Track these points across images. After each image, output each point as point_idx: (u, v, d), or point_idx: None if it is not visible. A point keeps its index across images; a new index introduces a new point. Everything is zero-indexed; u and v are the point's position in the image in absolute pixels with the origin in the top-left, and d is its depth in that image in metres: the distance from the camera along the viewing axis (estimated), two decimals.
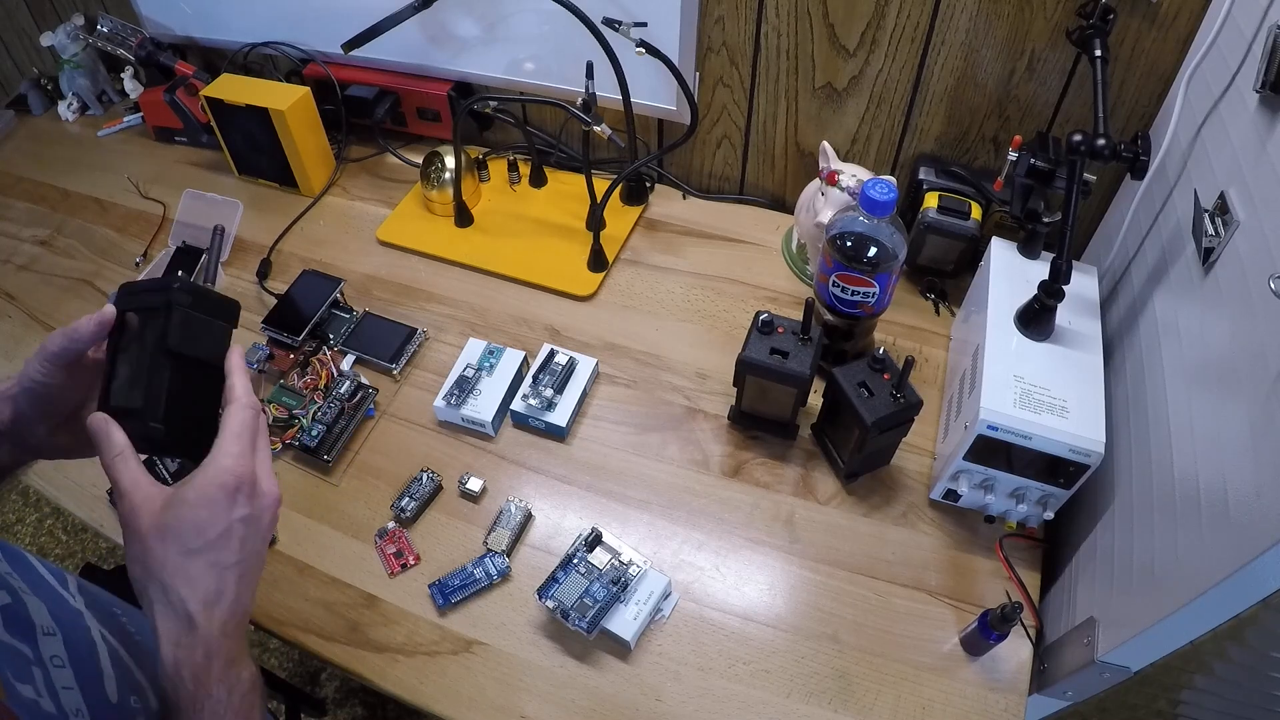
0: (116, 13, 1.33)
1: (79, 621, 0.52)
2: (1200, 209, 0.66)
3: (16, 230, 1.21)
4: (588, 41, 0.95)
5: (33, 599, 0.48)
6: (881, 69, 0.97)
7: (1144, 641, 0.57)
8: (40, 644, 0.46)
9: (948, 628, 0.74)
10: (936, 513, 0.82)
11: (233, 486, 0.48)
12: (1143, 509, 0.64)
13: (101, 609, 0.55)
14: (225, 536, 0.47)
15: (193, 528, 0.46)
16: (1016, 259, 0.84)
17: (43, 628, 0.47)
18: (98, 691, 0.48)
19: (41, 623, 0.47)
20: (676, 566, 0.79)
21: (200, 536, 0.46)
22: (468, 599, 0.77)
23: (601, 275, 1.06)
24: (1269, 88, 0.59)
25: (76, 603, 0.53)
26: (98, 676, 0.49)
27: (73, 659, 0.47)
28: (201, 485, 0.47)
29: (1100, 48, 0.76)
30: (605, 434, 0.90)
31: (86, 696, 0.46)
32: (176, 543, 0.46)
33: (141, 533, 0.46)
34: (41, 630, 0.47)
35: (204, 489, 0.47)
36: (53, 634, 0.47)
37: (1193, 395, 0.62)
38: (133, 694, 0.50)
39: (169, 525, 0.46)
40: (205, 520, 0.47)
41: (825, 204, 0.92)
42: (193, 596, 0.46)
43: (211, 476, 0.48)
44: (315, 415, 0.89)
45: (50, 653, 0.47)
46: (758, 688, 0.71)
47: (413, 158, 1.25)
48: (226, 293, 1.06)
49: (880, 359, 0.78)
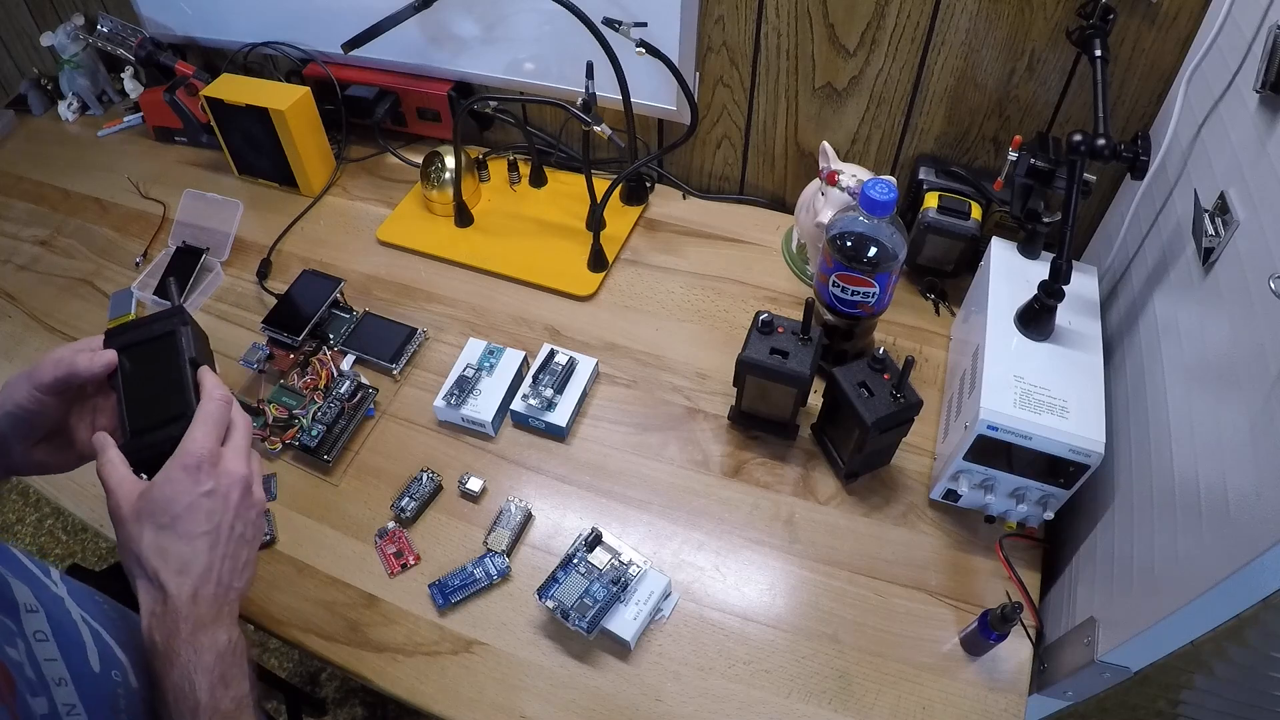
0: (116, 13, 1.33)
1: (60, 605, 0.54)
2: (1200, 209, 0.66)
3: (16, 230, 1.21)
4: (588, 41, 0.95)
5: (16, 582, 0.50)
6: (881, 69, 0.97)
7: (1144, 641, 0.57)
8: (24, 620, 0.48)
9: (948, 628, 0.74)
10: (936, 513, 0.82)
11: (194, 465, 0.53)
12: (1143, 509, 0.64)
13: (83, 596, 0.57)
14: (191, 510, 0.52)
15: (161, 505, 0.52)
16: (1016, 259, 0.84)
17: (25, 605, 0.49)
18: (80, 661, 0.51)
19: (25, 601, 0.50)
20: (676, 566, 0.79)
21: (167, 512, 0.52)
22: (468, 599, 0.77)
23: (601, 275, 1.06)
24: (1269, 88, 0.59)
25: (59, 589, 0.55)
26: (80, 646, 0.51)
27: (55, 632, 0.50)
28: (167, 469, 0.53)
29: (1100, 48, 0.76)
30: (605, 434, 0.90)
31: (70, 666, 0.49)
32: (150, 521, 0.52)
33: (123, 519, 0.53)
34: (25, 608, 0.49)
35: (169, 471, 0.53)
36: (35, 611, 0.50)
37: (1193, 395, 0.62)
38: (113, 668, 0.53)
39: (142, 508, 0.52)
40: (171, 496, 0.52)
41: (825, 204, 0.92)
42: (164, 567, 0.51)
43: (176, 459, 0.53)
44: (315, 415, 0.89)
45: (34, 628, 0.49)
46: (757, 688, 0.71)
47: (413, 158, 1.25)
48: (227, 292, 1.07)
49: (880, 359, 0.78)
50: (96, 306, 1.08)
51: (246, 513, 0.55)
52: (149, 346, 0.60)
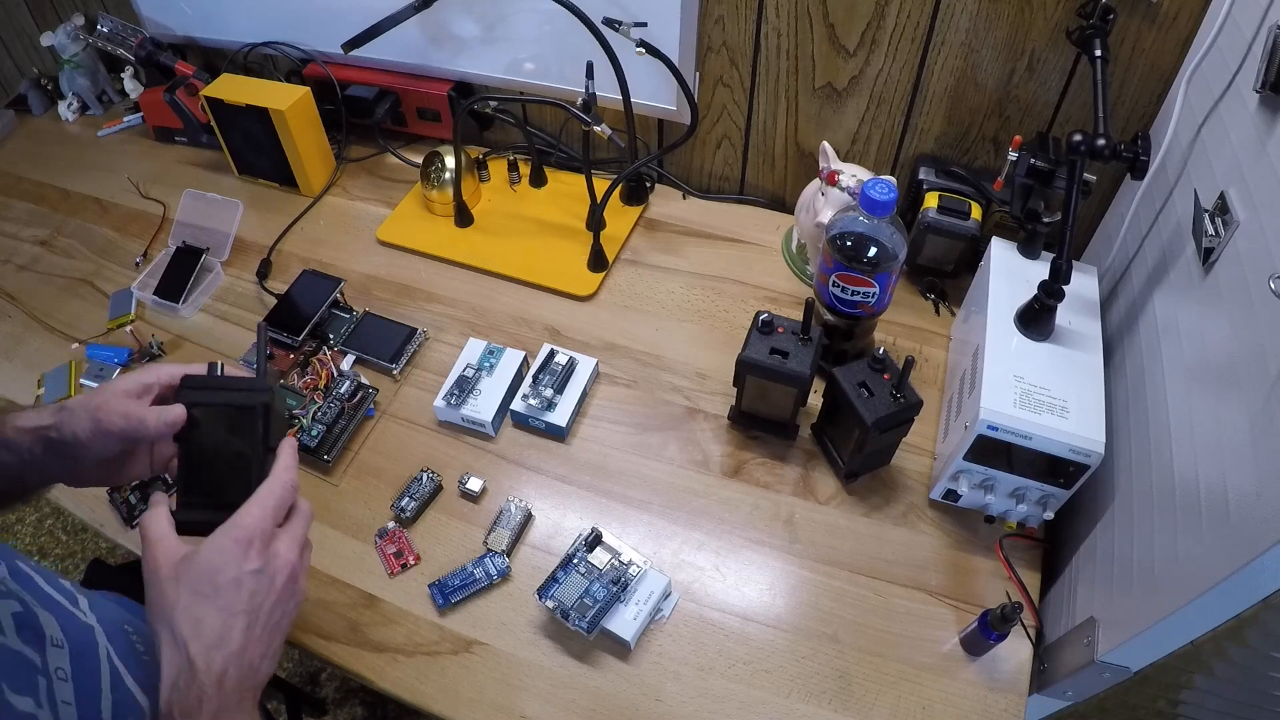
0: (116, 13, 1.33)
1: (89, 636, 0.53)
2: (1200, 209, 0.66)
3: (16, 230, 1.21)
4: (588, 41, 0.95)
5: (43, 612, 0.50)
6: (882, 69, 0.97)
7: (1144, 641, 0.57)
8: (48, 654, 0.48)
9: (948, 628, 0.74)
10: (936, 513, 0.82)
11: (245, 540, 0.51)
12: (1143, 509, 0.64)
13: (112, 623, 0.56)
14: (235, 584, 0.50)
15: (205, 573, 0.49)
16: (1016, 259, 0.84)
17: (52, 638, 0.49)
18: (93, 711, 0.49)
19: (51, 634, 0.49)
20: (676, 566, 0.79)
21: (211, 582, 0.49)
22: (468, 599, 0.77)
23: (601, 275, 1.06)
24: (1269, 88, 0.59)
25: (88, 619, 0.54)
26: (96, 695, 0.50)
27: (76, 673, 0.49)
28: (217, 537, 0.51)
29: (1100, 48, 0.76)
30: (605, 434, 0.90)
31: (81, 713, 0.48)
32: (188, 587, 0.49)
33: (159, 577, 0.50)
34: (51, 641, 0.49)
35: (219, 541, 0.51)
36: (60, 646, 0.49)
37: (1193, 395, 0.62)
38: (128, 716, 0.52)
39: (183, 571, 0.50)
40: (217, 566, 0.50)
41: (825, 204, 0.92)
42: (195, 639, 0.48)
43: (227, 530, 0.51)
44: (315, 415, 0.89)
45: (56, 664, 0.49)
46: (757, 688, 0.71)
47: (413, 158, 1.25)
48: (227, 292, 1.07)
49: (880, 359, 0.78)
50: (96, 306, 1.08)
51: (287, 601, 0.53)
52: (225, 413, 0.56)
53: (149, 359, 0.99)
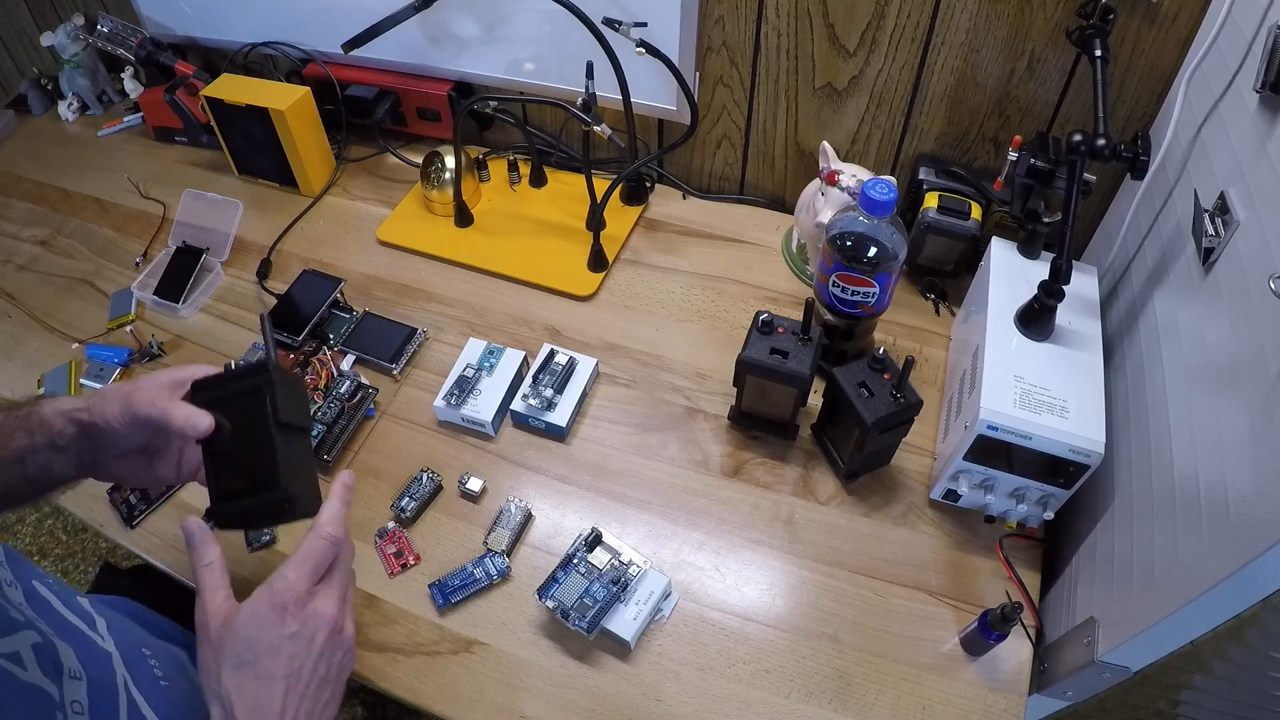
0: (116, 13, 1.33)
1: (106, 665, 0.53)
2: (1200, 209, 0.66)
3: (16, 230, 1.21)
4: (588, 41, 0.95)
5: (61, 643, 0.50)
6: (881, 69, 0.97)
7: (1144, 641, 0.57)
8: (65, 686, 0.48)
9: (948, 628, 0.74)
10: (936, 513, 0.82)
11: (280, 605, 0.51)
12: (1143, 509, 0.64)
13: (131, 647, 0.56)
14: (273, 651, 0.50)
15: (244, 642, 0.50)
16: (1016, 259, 0.84)
17: (70, 670, 0.49)
18: None
19: (70, 665, 0.49)
20: (676, 566, 0.79)
21: (250, 650, 0.50)
22: (468, 599, 0.77)
23: (601, 275, 1.06)
24: (1269, 88, 0.59)
25: (106, 644, 0.54)
26: None
27: (93, 706, 0.49)
28: (253, 603, 0.51)
29: (1100, 48, 0.76)
30: (605, 434, 0.90)
31: None
32: (230, 654, 0.50)
33: (208, 638, 0.51)
34: (69, 673, 0.49)
35: (255, 607, 0.51)
36: (79, 678, 0.49)
37: (1193, 395, 0.62)
38: None
39: (225, 638, 0.51)
40: (254, 636, 0.50)
41: (825, 204, 0.92)
42: (240, 704, 0.49)
43: (263, 595, 0.51)
44: (315, 415, 0.89)
45: (73, 697, 0.49)
46: (757, 688, 0.71)
47: (413, 158, 1.24)
48: (227, 292, 1.07)
49: (880, 359, 0.78)
50: (96, 306, 1.08)
51: (332, 654, 0.53)
52: (235, 404, 0.57)
53: (149, 359, 0.99)
